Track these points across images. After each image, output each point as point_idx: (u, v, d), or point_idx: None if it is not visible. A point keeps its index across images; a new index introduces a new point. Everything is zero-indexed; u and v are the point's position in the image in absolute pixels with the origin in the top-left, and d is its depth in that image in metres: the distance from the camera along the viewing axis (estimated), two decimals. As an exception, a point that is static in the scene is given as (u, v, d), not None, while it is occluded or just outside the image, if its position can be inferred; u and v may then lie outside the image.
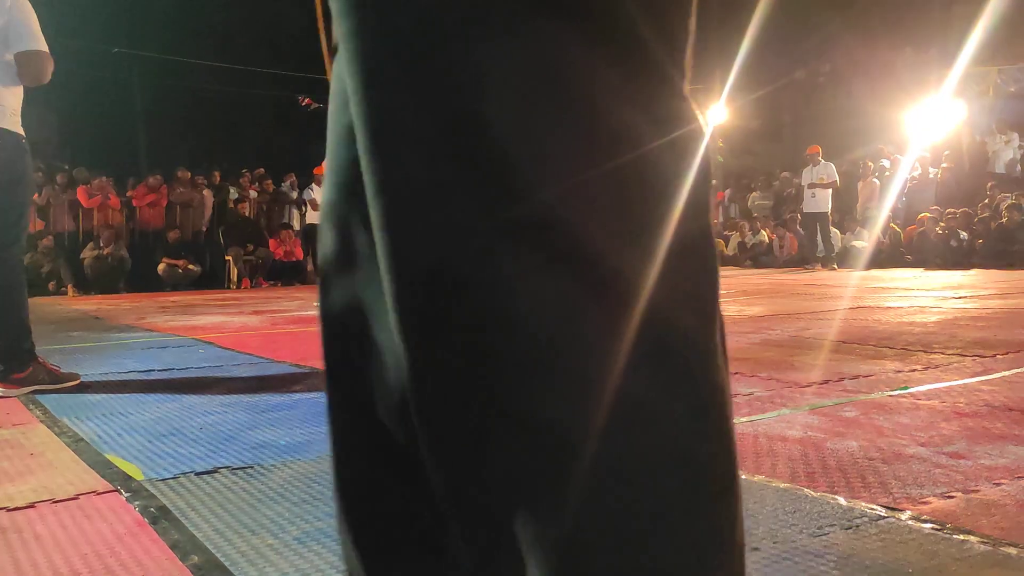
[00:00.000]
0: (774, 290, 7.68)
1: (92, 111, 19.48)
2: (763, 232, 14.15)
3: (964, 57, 12.08)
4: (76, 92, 17.55)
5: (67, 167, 11.79)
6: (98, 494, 1.72)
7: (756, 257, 13.84)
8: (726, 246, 14.68)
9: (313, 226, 12.67)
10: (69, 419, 2.50)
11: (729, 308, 5.84)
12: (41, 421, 2.49)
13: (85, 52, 14.68)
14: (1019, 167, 13.06)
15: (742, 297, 6.84)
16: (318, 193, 12.65)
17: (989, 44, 12.31)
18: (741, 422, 2.20)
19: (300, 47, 23.32)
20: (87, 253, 10.58)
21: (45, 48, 2.98)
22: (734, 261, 14.16)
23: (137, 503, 1.64)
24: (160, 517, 1.55)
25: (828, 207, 12.11)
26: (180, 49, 18.11)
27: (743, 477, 1.68)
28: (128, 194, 11.69)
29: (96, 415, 2.56)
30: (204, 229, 12.14)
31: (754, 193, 15.93)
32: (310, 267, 13.01)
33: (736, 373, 2.97)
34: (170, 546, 1.40)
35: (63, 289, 10.30)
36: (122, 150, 19.41)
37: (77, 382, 3.08)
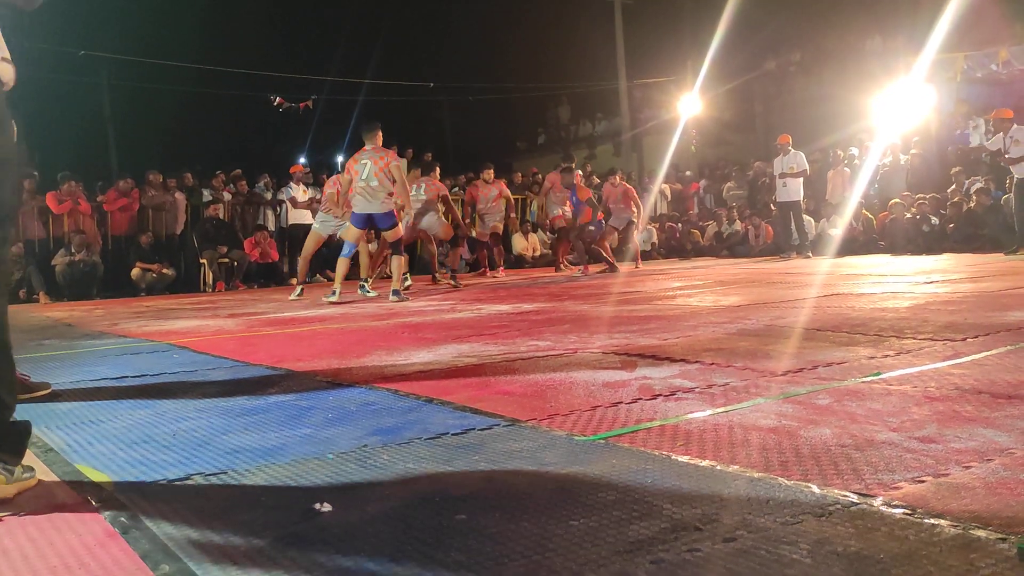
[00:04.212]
0: (750, 279, 7.74)
1: (59, 115, 19.18)
2: (738, 222, 14.24)
3: (932, 44, 12.21)
4: (42, 96, 17.27)
5: (35, 173, 11.60)
6: (67, 505, 1.69)
7: (732, 247, 13.92)
8: (702, 236, 14.76)
9: (296, 226, 12.56)
10: (39, 429, 2.45)
11: (705, 299, 5.87)
12: (10, 432, 2.44)
13: (50, 55, 14.46)
14: (986, 153, 13.21)
15: (718, 287, 6.88)
16: (297, 191, 12.53)
17: (956, 31, 12.46)
18: (716, 413, 2.21)
19: (270, 47, 23.10)
20: (58, 260, 10.43)
21: (6, 54, 2.93)
22: (710, 251, 14.24)
23: (107, 513, 1.62)
24: (131, 526, 1.53)
25: (800, 196, 12.22)
26: (148, 51, 17.89)
27: (718, 468, 1.70)
28: (99, 199, 11.52)
29: (67, 424, 2.52)
30: (178, 232, 12.01)
31: (728, 183, 16.02)
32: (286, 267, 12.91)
33: (712, 364, 2.99)
34: (141, 556, 1.38)
35: (35, 297, 10.16)
36: (91, 154, 19.16)
37: (48, 391, 3.03)
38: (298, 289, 8.46)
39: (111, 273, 10.97)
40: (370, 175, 7.05)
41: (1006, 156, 10.15)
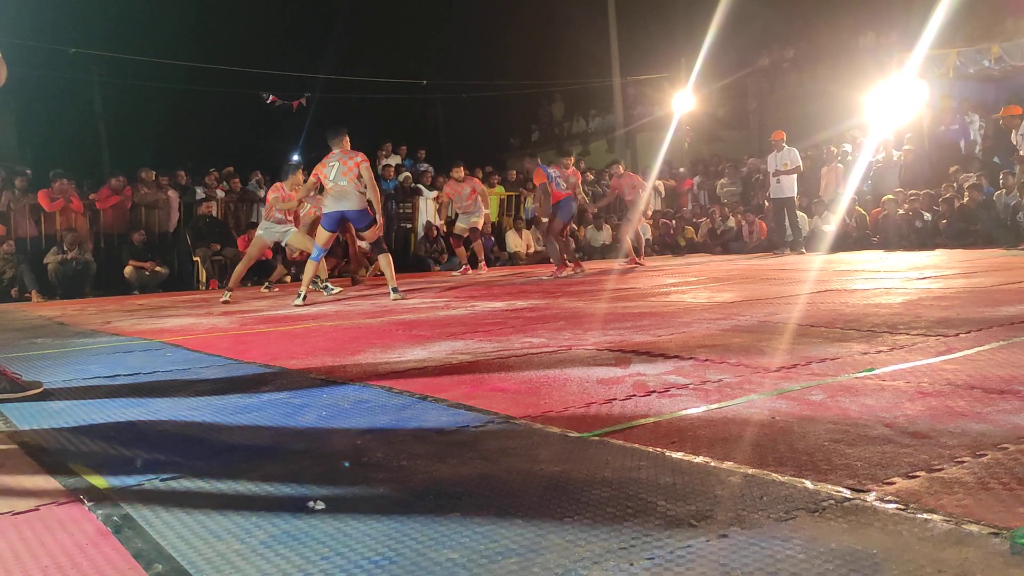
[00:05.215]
0: (743, 276, 7.75)
1: (51, 113, 19.11)
2: (732, 218, 14.25)
3: (925, 40, 12.22)
4: (34, 94, 17.21)
5: (27, 171, 11.54)
6: (59, 504, 1.68)
7: (726, 243, 13.93)
8: (696, 233, 14.77)
9: None
10: (31, 428, 2.45)
11: (699, 295, 5.88)
12: (2, 431, 2.44)
13: (42, 54, 14.38)
14: (979, 148, 13.26)
15: (712, 284, 6.89)
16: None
17: (948, 27, 12.48)
18: (710, 409, 2.21)
19: (263, 44, 23.03)
20: (50, 258, 10.39)
21: (-3, 51, 2.91)
22: (704, 248, 14.25)
23: (100, 512, 1.61)
24: (123, 525, 1.52)
25: (794, 192, 12.24)
26: (140, 48, 17.81)
27: (711, 464, 1.69)
28: (91, 196, 11.47)
29: (59, 423, 2.51)
30: (170, 230, 11.96)
31: (722, 179, 16.04)
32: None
33: (706, 360, 2.99)
34: (133, 555, 1.38)
35: (27, 295, 10.11)
36: (83, 152, 19.08)
37: (40, 390, 3.02)
38: (226, 294, 7.87)
39: (104, 271, 10.93)
40: (338, 175, 6.98)
41: (1020, 155, 10.19)
